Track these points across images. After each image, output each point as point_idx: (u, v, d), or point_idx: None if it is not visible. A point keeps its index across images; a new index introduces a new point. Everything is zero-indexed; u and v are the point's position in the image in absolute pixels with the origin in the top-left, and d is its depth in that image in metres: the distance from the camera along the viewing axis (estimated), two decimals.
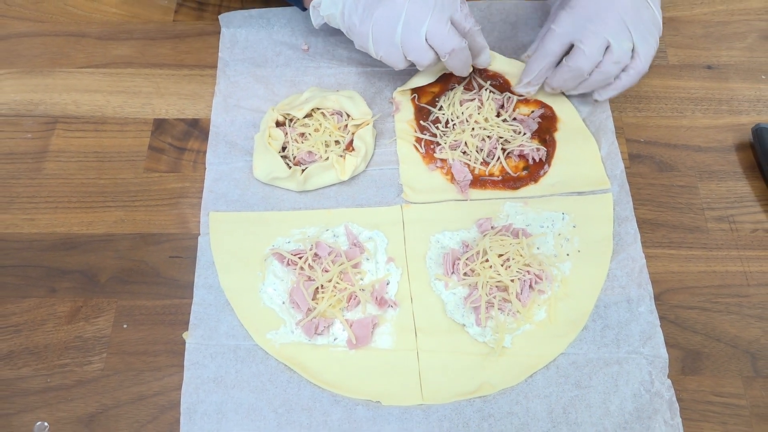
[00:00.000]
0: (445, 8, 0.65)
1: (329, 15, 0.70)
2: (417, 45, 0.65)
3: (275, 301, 0.66)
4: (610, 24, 0.65)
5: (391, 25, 0.65)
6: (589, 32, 0.65)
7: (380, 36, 0.66)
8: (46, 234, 0.70)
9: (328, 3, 0.69)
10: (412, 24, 0.65)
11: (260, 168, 0.71)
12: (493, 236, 0.67)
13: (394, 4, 0.64)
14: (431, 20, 0.64)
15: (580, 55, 0.66)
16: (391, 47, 0.67)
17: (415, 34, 0.65)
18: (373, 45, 0.67)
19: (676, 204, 0.71)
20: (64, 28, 0.83)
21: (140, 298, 0.67)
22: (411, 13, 0.64)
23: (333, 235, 0.69)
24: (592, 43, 0.65)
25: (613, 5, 0.65)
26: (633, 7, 0.65)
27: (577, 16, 0.66)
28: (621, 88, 0.69)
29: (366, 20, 0.66)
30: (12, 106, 0.78)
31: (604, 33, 0.65)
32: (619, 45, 0.65)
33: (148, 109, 0.77)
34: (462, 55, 0.67)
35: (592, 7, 0.65)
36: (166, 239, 0.70)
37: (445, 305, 0.65)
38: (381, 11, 0.65)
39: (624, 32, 0.65)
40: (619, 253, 0.67)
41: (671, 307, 0.66)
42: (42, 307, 0.66)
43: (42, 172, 0.73)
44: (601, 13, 0.65)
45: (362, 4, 0.66)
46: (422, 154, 0.73)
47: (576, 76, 0.68)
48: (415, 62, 0.68)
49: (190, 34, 0.82)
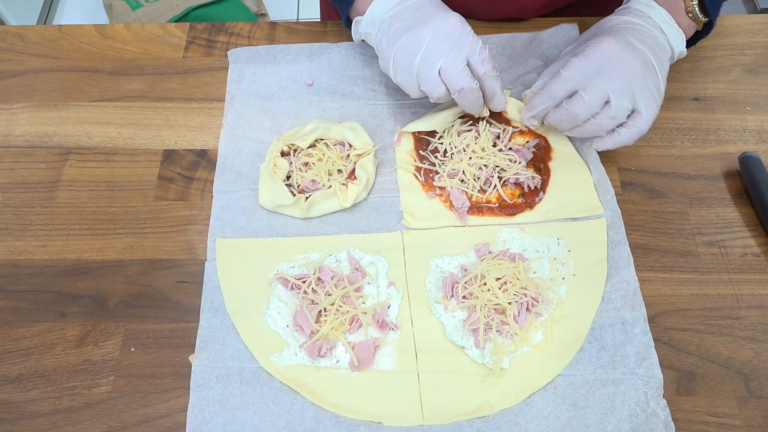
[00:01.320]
0: (463, 49, 0.69)
1: (366, 33, 0.76)
2: (430, 78, 0.69)
3: (279, 324, 0.68)
4: (615, 81, 0.67)
5: (410, 54, 0.69)
6: (593, 83, 0.68)
7: (400, 63, 0.71)
8: (57, 260, 0.72)
9: (367, 22, 0.75)
10: (429, 57, 0.69)
11: (265, 196, 0.74)
12: (490, 260, 0.69)
13: (417, 37, 0.69)
14: (447, 57, 0.68)
15: (579, 102, 0.69)
16: (408, 75, 0.71)
17: (430, 66, 0.69)
18: (393, 70, 0.72)
19: (668, 229, 0.73)
20: (79, 64, 0.87)
21: (148, 322, 0.68)
22: (431, 47, 0.68)
23: (336, 260, 0.71)
24: (593, 93, 0.68)
25: (623, 65, 0.67)
26: (641, 71, 0.68)
27: (587, 66, 0.68)
28: (619, 143, 0.71)
29: (391, 45, 0.71)
30: (27, 138, 0.81)
31: (607, 87, 0.67)
32: (617, 102, 0.68)
33: (158, 140, 0.80)
34: (471, 95, 0.71)
35: (603, 61, 0.68)
36: (174, 265, 0.72)
37: (445, 328, 0.67)
38: (405, 40, 0.70)
39: (626, 92, 0.68)
40: (613, 277, 0.69)
41: (665, 329, 0.67)
42: (52, 331, 0.68)
43: (54, 201, 0.76)
44: (610, 69, 0.67)
45: (393, 29, 0.71)
46: (422, 182, 0.76)
47: (571, 119, 0.71)
48: (426, 93, 0.71)
49: (199, 69, 0.86)
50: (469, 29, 0.70)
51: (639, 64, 0.68)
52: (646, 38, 0.71)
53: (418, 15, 0.71)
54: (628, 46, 0.69)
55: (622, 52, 0.68)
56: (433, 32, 0.69)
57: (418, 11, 0.72)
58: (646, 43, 0.70)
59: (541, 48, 0.85)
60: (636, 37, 0.70)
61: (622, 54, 0.68)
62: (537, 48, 0.85)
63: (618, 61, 0.68)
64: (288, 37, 0.89)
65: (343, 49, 0.86)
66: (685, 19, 0.74)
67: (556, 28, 0.86)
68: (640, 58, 0.69)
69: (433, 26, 0.69)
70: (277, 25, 0.90)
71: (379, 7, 0.74)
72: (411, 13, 0.72)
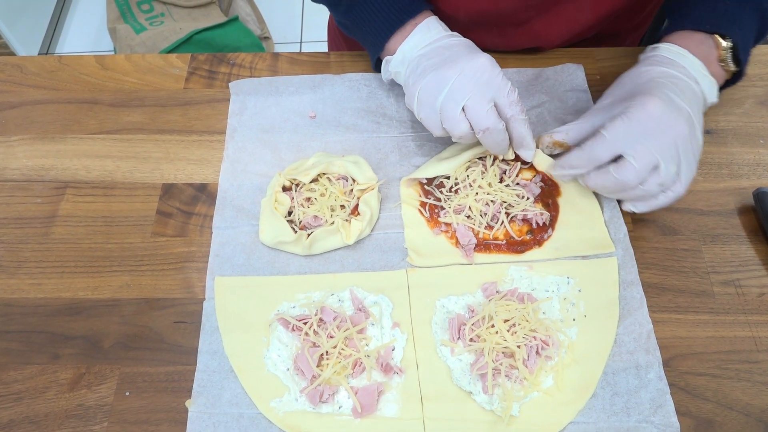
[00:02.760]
0: (491, 89, 0.67)
1: (396, 72, 0.75)
2: (453, 115, 0.67)
3: (279, 367, 0.65)
4: (665, 145, 0.63)
5: (435, 91, 0.68)
6: (642, 148, 0.63)
7: (424, 99, 0.69)
8: (51, 299, 0.70)
9: (398, 61, 0.74)
10: (453, 95, 0.67)
11: (266, 232, 0.72)
12: (498, 301, 0.67)
13: (444, 75, 0.67)
14: (473, 96, 0.66)
15: (630, 170, 0.64)
16: (431, 111, 0.69)
17: (454, 104, 0.67)
18: (417, 105, 0.70)
19: (681, 268, 0.71)
20: (78, 95, 0.86)
21: (143, 365, 0.66)
22: (456, 85, 0.67)
23: (338, 299, 0.69)
24: (643, 159, 0.63)
25: (670, 129, 0.63)
26: (688, 134, 0.64)
27: (634, 129, 0.63)
28: (657, 207, 0.67)
29: (417, 83, 0.70)
30: (24, 172, 0.79)
31: (657, 153, 0.63)
32: (667, 168, 0.63)
33: (157, 174, 0.79)
34: (497, 136, 0.68)
35: (650, 125, 0.63)
36: (171, 304, 0.70)
37: (452, 372, 0.65)
38: (431, 77, 0.68)
39: (674, 157, 0.63)
40: (625, 318, 0.67)
41: (681, 374, 0.65)
42: (44, 374, 0.66)
43: (50, 237, 0.74)
44: (658, 133, 0.63)
45: (421, 67, 0.70)
46: (427, 218, 0.74)
47: (619, 186, 0.66)
48: (448, 131, 0.69)
49: (199, 101, 0.85)
50: (499, 71, 0.68)
51: (686, 127, 0.63)
52: (686, 93, 0.66)
53: (448, 55, 0.69)
54: (673, 106, 0.64)
55: (668, 114, 0.63)
56: (461, 71, 0.67)
57: (448, 51, 0.70)
58: (687, 99, 0.66)
59: (546, 84, 0.84)
60: (677, 93, 0.65)
61: (668, 116, 0.63)
62: (542, 83, 0.84)
63: (665, 124, 0.63)
64: (291, 68, 0.88)
65: (346, 81, 0.85)
66: (716, 68, 0.70)
67: (561, 66, 0.85)
68: (686, 118, 0.64)
69: (461, 65, 0.67)
70: (280, 56, 0.89)
71: (410, 46, 0.73)
72: (440, 53, 0.70)
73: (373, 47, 0.77)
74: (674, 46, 0.71)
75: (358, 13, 0.76)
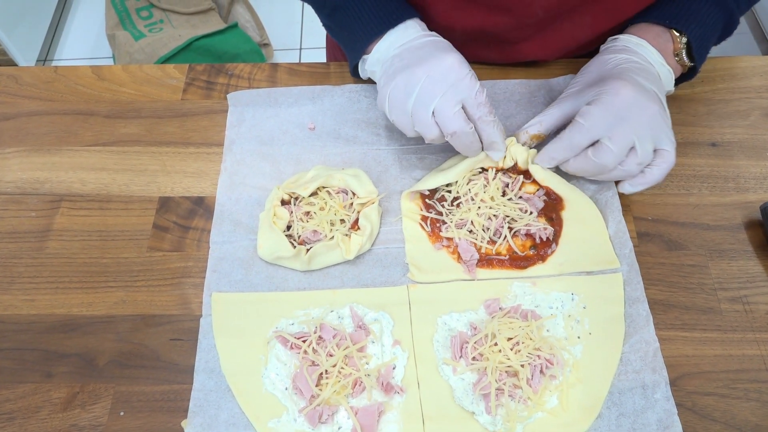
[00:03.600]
0: (458, 91, 0.66)
1: (372, 72, 0.76)
2: (424, 119, 0.67)
3: (278, 386, 0.64)
4: (639, 126, 0.66)
5: (405, 93, 0.68)
6: (618, 131, 0.66)
7: (395, 101, 0.69)
8: (45, 315, 0.69)
9: (373, 61, 0.74)
10: (423, 98, 0.67)
11: (265, 247, 0.71)
12: (501, 318, 0.66)
13: (414, 76, 0.67)
14: (441, 99, 0.66)
15: (607, 152, 0.66)
16: (403, 115, 0.69)
17: (423, 108, 0.67)
18: (388, 108, 0.70)
19: (688, 284, 0.70)
20: (74, 106, 0.84)
21: (139, 384, 0.65)
22: (425, 87, 0.66)
23: (338, 316, 0.68)
24: (620, 142, 0.66)
25: (643, 109, 0.66)
26: (659, 113, 0.67)
27: (608, 114, 0.66)
28: (651, 183, 0.69)
29: (388, 83, 0.69)
30: (18, 185, 0.78)
31: (633, 134, 0.66)
32: (643, 147, 0.66)
33: (154, 187, 0.77)
34: (465, 138, 0.68)
35: (623, 108, 0.66)
36: (168, 321, 0.68)
37: (454, 391, 0.63)
38: (400, 79, 0.68)
39: (649, 135, 0.66)
40: (631, 336, 0.66)
41: (688, 393, 0.63)
42: (37, 393, 0.64)
43: (44, 251, 0.73)
44: (632, 115, 0.66)
45: (393, 68, 0.70)
46: (428, 232, 0.73)
47: (598, 169, 0.69)
48: (421, 134, 0.69)
49: (197, 112, 0.83)
50: (467, 70, 0.67)
51: (656, 106, 0.67)
52: (650, 77, 0.70)
53: (419, 55, 0.69)
54: (642, 88, 0.67)
55: (639, 96, 0.66)
56: (428, 72, 0.67)
57: (420, 51, 0.70)
58: (654, 83, 0.69)
59: (550, 95, 0.82)
60: (645, 77, 0.69)
61: (639, 98, 0.66)
62: (546, 95, 0.83)
63: (638, 106, 0.66)
64: (290, 79, 0.87)
65: (346, 92, 0.83)
66: (671, 60, 0.74)
67: (565, 77, 0.84)
68: (655, 99, 0.67)
69: (430, 66, 0.67)
70: (279, 66, 0.88)
71: (386, 45, 0.72)
72: (412, 53, 0.70)
73: (353, 52, 0.77)
74: (634, 37, 0.74)
75: (341, 18, 0.75)
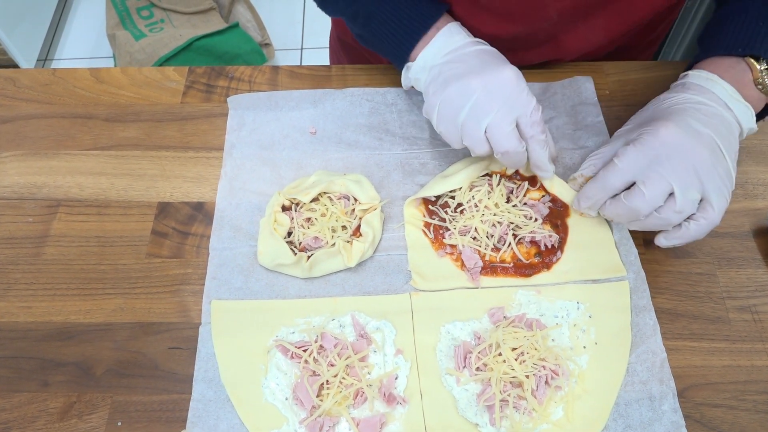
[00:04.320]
0: (514, 108, 0.64)
1: (416, 79, 0.72)
2: (475, 135, 0.65)
3: (278, 396, 0.63)
4: (679, 171, 0.60)
5: (457, 106, 0.65)
6: (653, 174, 0.61)
7: (445, 113, 0.66)
8: (42, 323, 0.68)
9: (418, 68, 0.71)
10: (477, 112, 0.64)
11: (265, 254, 0.69)
12: (505, 328, 0.64)
13: (467, 87, 0.64)
14: (495, 115, 0.63)
15: (639, 196, 0.61)
16: (453, 127, 0.66)
17: (476, 123, 0.64)
18: (437, 119, 0.68)
19: (696, 293, 0.68)
20: (72, 109, 0.83)
21: (136, 393, 0.64)
22: (480, 101, 0.64)
23: (339, 325, 0.67)
24: (654, 186, 0.60)
25: (686, 153, 0.60)
26: (709, 158, 0.61)
27: (644, 155, 0.61)
28: (688, 239, 0.63)
29: (438, 93, 0.67)
30: (15, 189, 0.77)
31: (670, 179, 0.60)
32: (684, 195, 0.60)
33: (153, 192, 0.76)
34: (516, 158, 0.66)
35: (662, 150, 0.61)
36: (166, 329, 0.67)
37: (457, 402, 0.62)
38: (453, 89, 0.65)
39: (693, 183, 0.60)
40: (638, 346, 0.64)
41: (696, 405, 0.62)
42: (33, 403, 0.63)
43: (41, 258, 0.72)
44: (671, 159, 0.60)
45: (444, 76, 0.67)
46: (431, 239, 0.72)
47: (631, 214, 0.63)
48: (469, 148, 0.67)
49: (197, 116, 0.82)
50: (524, 86, 0.65)
51: (705, 151, 0.61)
52: (712, 119, 0.63)
53: (473, 64, 0.66)
54: (690, 130, 0.61)
55: (684, 139, 0.61)
56: (484, 85, 0.64)
57: (473, 60, 0.67)
58: (711, 125, 0.62)
59: (555, 98, 0.81)
60: (699, 118, 0.63)
61: (684, 141, 0.61)
62: (551, 98, 0.81)
63: (680, 150, 0.60)
64: (290, 81, 0.85)
65: (348, 95, 0.82)
66: (753, 91, 0.66)
67: (570, 79, 0.82)
68: (706, 143, 0.61)
69: (486, 78, 0.64)
70: (280, 69, 0.86)
71: (432, 52, 0.70)
72: (464, 61, 0.67)
73: (396, 59, 0.74)
74: (704, 72, 0.67)
75: (377, 25, 0.72)
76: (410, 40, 0.71)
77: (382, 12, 0.71)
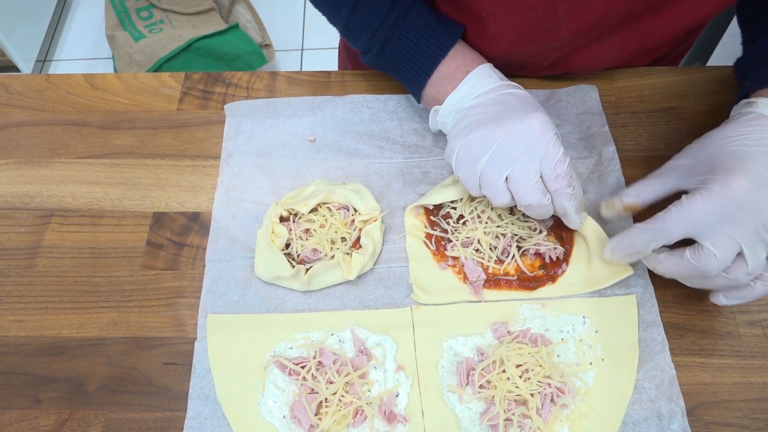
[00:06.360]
0: (538, 158, 0.60)
1: (443, 123, 0.70)
2: (494, 184, 0.61)
3: (275, 415, 0.61)
4: (749, 231, 0.54)
5: (477, 152, 0.61)
6: (721, 233, 0.54)
7: (464, 158, 0.63)
8: (33, 337, 0.66)
9: (446, 111, 0.68)
10: (497, 162, 0.60)
11: (262, 267, 0.68)
12: (509, 344, 0.63)
13: (491, 134, 0.61)
14: (518, 165, 0.60)
15: (710, 257, 0.55)
16: (471, 173, 0.63)
17: (496, 172, 0.60)
18: (456, 163, 0.64)
19: (705, 306, 0.66)
20: (66, 117, 0.81)
21: (130, 410, 0.62)
22: (501, 149, 0.60)
23: (338, 339, 0.65)
24: (725, 247, 0.54)
25: (758, 211, 0.54)
26: None
27: (715, 211, 0.55)
28: (753, 298, 0.58)
29: (459, 137, 0.63)
30: (7, 199, 0.75)
31: (739, 239, 0.54)
32: (754, 255, 0.55)
33: (148, 201, 0.74)
34: (541, 210, 0.62)
35: (733, 206, 0.54)
36: (161, 344, 0.65)
37: (460, 421, 0.60)
38: (476, 135, 0.62)
39: (760, 242, 0.55)
40: (646, 362, 0.63)
41: (706, 424, 0.60)
42: (24, 420, 0.61)
43: (33, 270, 0.70)
44: (744, 219, 0.54)
45: (468, 120, 0.64)
46: (433, 251, 0.70)
47: (697, 275, 0.57)
48: (488, 198, 0.63)
49: (193, 123, 0.80)
50: (552, 134, 0.60)
51: None
52: None
53: (498, 110, 0.63)
54: (761, 182, 0.55)
55: (755, 195, 0.54)
56: (507, 132, 0.60)
57: (499, 106, 0.64)
58: None
59: (558, 106, 0.79)
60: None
61: (755, 197, 0.54)
62: (554, 106, 0.79)
63: (752, 207, 0.54)
64: (289, 88, 0.83)
65: (348, 103, 0.80)
66: None
67: (574, 87, 0.80)
68: None
69: (509, 126, 0.60)
70: (278, 75, 0.85)
71: (460, 95, 0.67)
72: (492, 106, 0.64)
73: (412, 85, 0.72)
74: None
75: (394, 50, 0.70)
76: (431, 63, 0.69)
77: (398, 37, 0.69)
